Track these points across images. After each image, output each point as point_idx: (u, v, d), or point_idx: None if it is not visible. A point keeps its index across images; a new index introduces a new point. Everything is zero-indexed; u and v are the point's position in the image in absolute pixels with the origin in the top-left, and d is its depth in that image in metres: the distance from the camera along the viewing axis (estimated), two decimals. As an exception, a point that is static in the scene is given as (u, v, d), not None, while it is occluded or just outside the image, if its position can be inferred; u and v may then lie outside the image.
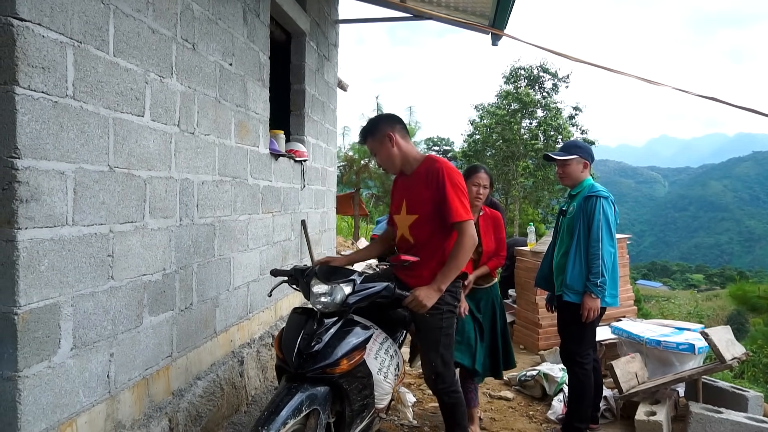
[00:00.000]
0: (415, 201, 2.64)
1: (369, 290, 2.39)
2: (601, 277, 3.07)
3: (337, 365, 2.20)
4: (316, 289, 2.35)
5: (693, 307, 14.27)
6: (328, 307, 2.30)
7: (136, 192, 2.34)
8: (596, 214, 3.12)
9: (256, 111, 3.73)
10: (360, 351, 2.32)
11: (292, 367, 2.19)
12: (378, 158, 2.74)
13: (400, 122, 2.73)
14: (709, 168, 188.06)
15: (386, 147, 2.64)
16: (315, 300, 2.33)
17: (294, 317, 2.42)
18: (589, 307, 3.11)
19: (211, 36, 3.03)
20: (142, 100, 2.36)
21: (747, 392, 3.47)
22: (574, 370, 3.30)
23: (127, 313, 2.29)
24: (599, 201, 3.14)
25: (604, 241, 3.09)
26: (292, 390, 2.11)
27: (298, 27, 4.70)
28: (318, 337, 2.23)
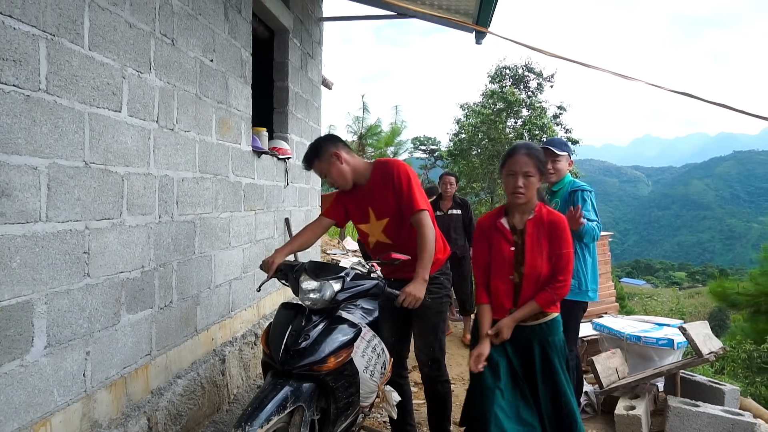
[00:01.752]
0: (381, 206, 2.70)
1: (358, 287, 2.38)
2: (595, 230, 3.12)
3: (324, 363, 2.19)
4: (305, 285, 2.34)
5: (675, 304, 14.49)
6: (316, 303, 2.29)
7: (113, 188, 2.30)
8: (587, 205, 3.18)
9: (238, 108, 3.70)
10: (347, 349, 2.31)
11: (278, 363, 2.17)
12: (330, 179, 2.73)
13: (341, 140, 2.80)
14: (691, 167, 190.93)
15: (336, 165, 2.67)
16: (304, 296, 2.32)
17: (282, 312, 2.41)
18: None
19: (191, 31, 3.00)
20: (119, 95, 2.33)
21: (724, 386, 3.53)
22: None
23: (104, 311, 2.26)
24: (584, 193, 3.22)
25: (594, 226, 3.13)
26: (277, 386, 2.10)
27: (281, 24, 4.67)
28: (306, 333, 2.22)
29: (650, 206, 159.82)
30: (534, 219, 2.39)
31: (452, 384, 4.41)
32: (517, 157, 2.33)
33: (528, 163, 2.30)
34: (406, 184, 2.61)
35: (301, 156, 5.28)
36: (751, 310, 8.83)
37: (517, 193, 2.31)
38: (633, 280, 55.20)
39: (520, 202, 2.35)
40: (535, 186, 2.34)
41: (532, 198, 2.36)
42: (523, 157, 2.31)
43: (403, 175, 2.63)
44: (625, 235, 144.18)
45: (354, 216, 2.85)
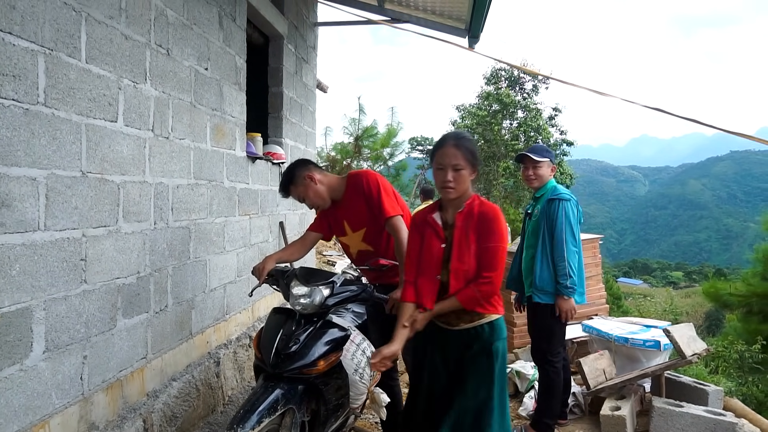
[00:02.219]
0: (356, 218, 2.80)
1: (347, 293, 2.47)
2: (570, 278, 3.18)
3: (314, 366, 2.26)
4: (295, 290, 2.41)
5: (668, 304, 14.59)
6: (306, 308, 2.37)
7: (110, 196, 2.37)
8: (559, 217, 3.22)
9: (233, 114, 3.77)
10: (337, 352, 2.39)
11: (270, 366, 2.25)
12: (308, 201, 2.81)
13: (312, 162, 2.92)
14: (688, 167, 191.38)
15: (312, 187, 2.77)
16: (294, 301, 2.39)
17: (273, 317, 2.48)
18: (565, 309, 3.22)
19: (186, 41, 3.06)
20: (115, 105, 2.40)
21: (708, 387, 3.60)
22: (545, 369, 3.40)
23: (101, 316, 2.32)
24: (561, 204, 3.25)
25: (567, 242, 3.20)
26: (268, 389, 2.18)
27: (275, 30, 4.74)
28: (296, 337, 2.30)
29: (647, 206, 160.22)
30: (464, 212, 2.20)
31: (444, 385, 4.49)
32: (445, 149, 2.15)
33: (457, 155, 2.11)
34: (375, 192, 2.69)
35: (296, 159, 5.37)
36: (744, 311, 8.91)
37: (447, 187, 2.14)
38: (630, 280, 55.33)
39: (451, 197, 2.18)
40: (466, 179, 2.15)
41: (464, 192, 2.19)
42: (452, 149, 2.12)
43: (372, 184, 2.71)
44: (622, 234, 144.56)
45: (334, 230, 2.96)
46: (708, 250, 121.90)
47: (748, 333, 8.32)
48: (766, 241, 8.73)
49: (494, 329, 2.22)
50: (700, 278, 50.60)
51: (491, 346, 2.20)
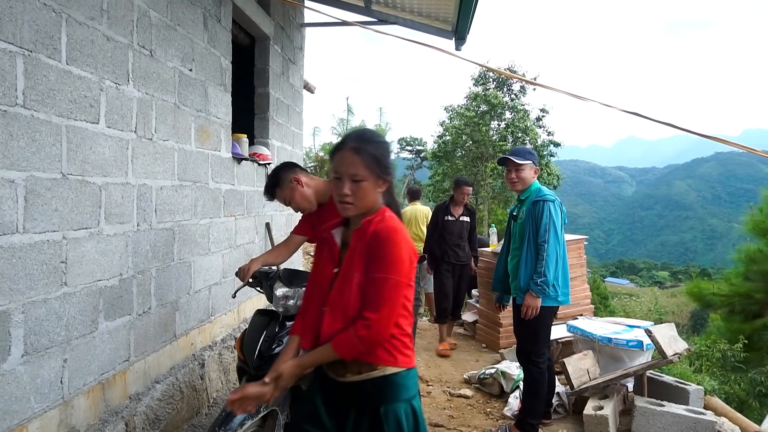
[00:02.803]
0: None
1: None
2: (543, 277, 3.21)
3: None
4: (278, 292, 2.41)
5: (654, 304, 14.76)
6: (290, 309, 2.37)
7: (91, 198, 2.35)
8: (544, 218, 3.26)
9: (218, 115, 3.75)
10: None
11: (253, 368, 2.24)
12: (294, 204, 2.75)
13: (298, 165, 2.85)
14: (674, 168, 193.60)
15: (298, 190, 2.71)
16: (277, 303, 2.40)
17: (257, 319, 2.48)
18: (528, 305, 3.26)
19: (170, 42, 3.05)
20: (96, 107, 2.38)
21: (689, 386, 3.66)
22: (529, 369, 3.43)
23: (82, 318, 2.31)
24: (546, 205, 3.28)
25: (550, 242, 3.23)
26: None
27: (261, 31, 4.72)
28: (279, 339, 2.30)
29: (634, 206, 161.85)
30: (359, 230, 1.70)
31: (430, 386, 4.52)
32: (342, 153, 1.68)
33: (356, 162, 1.65)
34: None
35: (283, 161, 5.36)
36: (726, 310, 9.03)
37: (344, 202, 1.68)
38: (617, 280, 55.88)
39: (349, 214, 1.71)
40: (368, 192, 1.67)
41: (367, 207, 1.70)
42: (350, 155, 1.66)
43: None
44: (609, 235, 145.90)
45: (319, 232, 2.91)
46: (693, 250, 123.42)
47: (731, 332, 8.44)
48: (749, 241, 8.86)
49: (388, 387, 1.66)
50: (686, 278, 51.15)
51: (381, 408, 1.64)
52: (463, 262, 5.62)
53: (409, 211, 7.04)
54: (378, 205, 1.74)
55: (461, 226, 5.63)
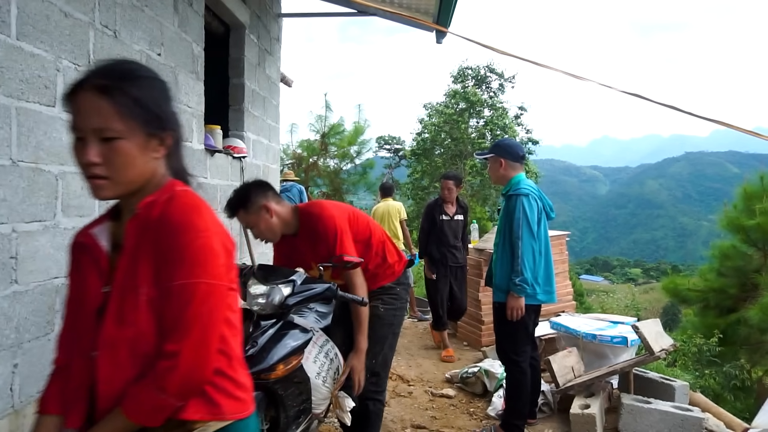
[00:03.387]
0: (319, 257, 2.52)
1: (309, 291, 2.30)
2: (520, 276, 3.09)
3: (273, 370, 2.11)
4: (253, 289, 2.24)
5: (630, 300, 14.94)
6: (265, 308, 2.20)
7: (46, 188, 2.16)
8: (516, 212, 3.13)
9: (189, 105, 3.56)
10: (297, 355, 2.24)
11: None
12: (255, 231, 2.47)
13: (271, 188, 2.55)
14: (646, 167, 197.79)
15: (265, 219, 2.42)
16: (252, 301, 2.23)
17: None
18: (511, 306, 3.14)
19: (136, 23, 2.85)
20: (52, 88, 2.19)
21: (674, 382, 3.61)
22: (510, 369, 3.34)
23: (35, 320, 2.11)
24: (519, 199, 3.15)
25: (524, 238, 3.11)
26: None
27: (236, 19, 4.53)
28: (253, 340, 2.14)
29: (608, 205, 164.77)
30: (136, 220, 1.10)
31: (412, 386, 4.40)
32: (82, 97, 1.03)
33: (104, 110, 1.02)
34: (332, 239, 2.45)
35: (258, 154, 5.19)
36: (701, 306, 9.14)
37: (92, 176, 1.05)
38: (592, 277, 56.75)
39: (103, 196, 1.08)
40: (133, 157, 1.06)
41: (133, 182, 1.10)
42: (94, 98, 1.02)
43: (330, 229, 2.45)
44: (584, 233, 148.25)
45: (297, 263, 2.65)
46: (664, 247, 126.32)
47: (705, 327, 8.54)
48: (721, 238, 8.97)
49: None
50: (657, 274, 52.28)
51: None
52: (459, 264, 5.30)
53: (382, 207, 6.82)
54: (159, 178, 1.15)
55: (456, 225, 5.28)
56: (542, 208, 3.27)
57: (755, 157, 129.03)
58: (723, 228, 8.80)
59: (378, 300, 2.69)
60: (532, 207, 3.17)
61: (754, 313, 7.00)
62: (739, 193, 8.52)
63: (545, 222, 3.31)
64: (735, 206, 8.55)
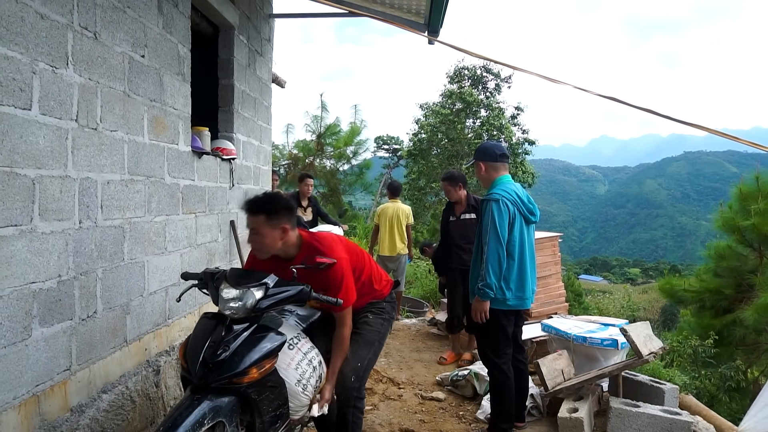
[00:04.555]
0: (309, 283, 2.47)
1: (283, 294, 2.28)
2: (483, 280, 3.12)
3: (245, 374, 2.08)
4: (225, 293, 2.22)
5: (626, 301, 14.91)
6: (237, 312, 2.18)
7: (22, 192, 2.13)
8: (484, 218, 3.18)
9: (175, 106, 3.53)
10: (271, 359, 2.21)
11: (196, 377, 2.05)
12: (257, 239, 2.45)
13: (295, 211, 2.58)
14: (645, 167, 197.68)
15: (274, 236, 2.44)
16: (224, 305, 2.21)
17: (202, 323, 2.28)
18: (474, 309, 3.19)
19: (118, 25, 2.82)
20: (28, 91, 2.16)
21: (664, 385, 3.59)
22: (491, 371, 3.37)
23: (11, 325, 2.08)
24: (489, 204, 3.18)
25: (490, 244, 3.11)
26: (194, 402, 2.00)
27: (225, 20, 4.50)
28: (225, 344, 2.11)
29: (607, 205, 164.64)
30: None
31: (402, 389, 4.37)
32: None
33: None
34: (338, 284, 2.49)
35: (249, 156, 5.15)
36: (697, 306, 9.11)
37: None
38: (591, 277, 56.68)
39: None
40: None
41: None
42: None
43: (339, 279, 2.49)
44: (583, 233, 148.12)
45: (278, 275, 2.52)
46: (664, 247, 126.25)
47: (701, 328, 8.52)
48: (718, 238, 8.94)
49: None
50: (656, 274, 52.23)
51: None
52: (468, 266, 4.96)
53: (391, 208, 6.82)
54: None
55: (463, 225, 4.97)
56: (516, 213, 3.22)
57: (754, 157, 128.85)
58: (718, 228, 8.78)
59: (367, 312, 2.75)
60: (501, 212, 3.14)
61: (749, 314, 6.98)
62: (734, 193, 8.50)
63: (522, 226, 3.26)
64: (730, 206, 8.53)
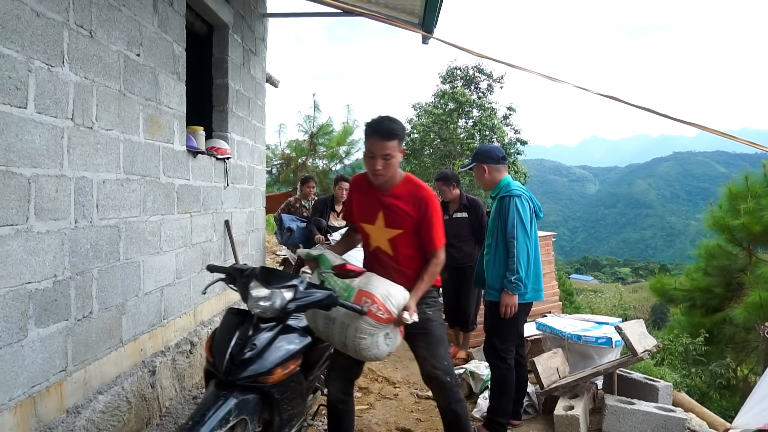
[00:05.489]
0: (398, 218, 2.57)
1: (311, 298, 2.28)
2: (516, 274, 3.14)
3: (270, 374, 2.08)
4: (255, 292, 2.21)
5: (618, 300, 15.03)
6: (266, 311, 2.18)
7: (17, 191, 2.11)
8: (510, 213, 3.19)
9: (170, 105, 3.51)
10: (296, 360, 2.21)
11: (222, 373, 2.05)
12: (382, 164, 2.44)
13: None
14: (635, 167, 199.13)
15: (397, 159, 2.49)
16: (253, 304, 2.20)
17: (228, 318, 2.27)
18: (506, 304, 3.18)
19: (113, 23, 2.81)
20: (23, 90, 2.14)
21: (658, 382, 3.62)
22: (497, 365, 3.35)
23: (7, 326, 2.06)
24: (512, 200, 3.21)
25: (518, 238, 3.15)
26: (220, 398, 1.99)
27: (219, 19, 4.49)
28: (252, 342, 2.11)
29: (597, 205, 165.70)
30: None
31: (398, 388, 4.38)
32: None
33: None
34: (436, 220, 2.56)
35: (243, 155, 5.14)
36: (688, 305, 9.19)
37: None
38: (582, 276, 57.01)
39: None
40: None
41: None
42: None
43: (434, 210, 2.55)
44: (574, 232, 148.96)
45: (359, 213, 2.70)
46: (653, 246, 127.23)
47: (692, 326, 8.60)
48: (708, 237, 9.03)
49: None
50: (646, 273, 52.65)
51: None
52: (460, 264, 4.78)
53: None
54: None
55: (455, 224, 4.93)
56: (533, 209, 3.31)
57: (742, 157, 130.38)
58: (709, 228, 8.87)
59: (423, 305, 2.61)
60: (524, 207, 3.23)
61: (739, 312, 7.05)
62: (724, 193, 8.58)
63: (535, 222, 3.35)
64: (720, 206, 8.62)
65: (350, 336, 2.35)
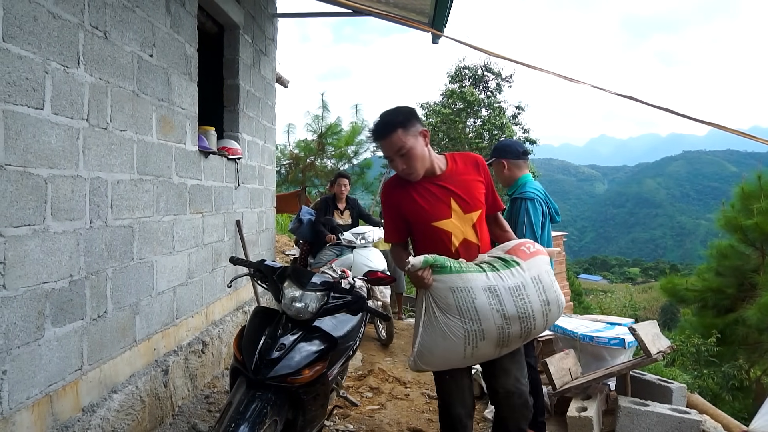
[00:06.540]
0: (472, 196, 2.35)
1: (341, 301, 2.29)
2: None
3: (299, 375, 2.09)
4: (290, 293, 2.22)
5: (628, 300, 14.93)
6: (300, 313, 2.18)
7: (35, 192, 2.13)
8: (520, 217, 3.14)
9: (182, 106, 3.53)
10: (323, 362, 2.22)
11: (251, 372, 2.06)
12: (403, 158, 2.24)
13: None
14: (644, 166, 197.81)
15: (420, 145, 2.25)
16: (287, 304, 2.21)
17: (257, 318, 2.28)
18: None
19: (127, 24, 2.82)
20: (40, 91, 2.15)
21: (672, 384, 3.59)
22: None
23: (24, 325, 2.08)
24: (524, 203, 3.15)
25: None
26: (255, 398, 2.00)
27: (230, 19, 4.50)
28: (281, 342, 2.12)
29: (606, 204, 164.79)
30: None
31: (408, 388, 4.37)
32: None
33: None
34: (491, 180, 2.50)
35: (254, 156, 5.15)
36: (699, 305, 9.11)
37: None
38: (590, 276, 56.70)
39: None
40: None
41: None
42: None
43: (486, 170, 2.47)
44: (582, 232, 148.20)
45: (422, 215, 2.34)
46: (663, 246, 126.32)
47: (704, 327, 8.52)
48: (719, 237, 8.94)
49: None
50: (656, 274, 52.27)
51: None
52: None
53: None
54: None
55: None
56: (547, 212, 3.25)
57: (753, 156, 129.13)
58: (721, 228, 8.78)
59: None
60: (536, 211, 3.14)
61: (752, 313, 6.97)
62: (736, 192, 8.50)
63: (549, 227, 3.30)
64: (732, 206, 8.53)
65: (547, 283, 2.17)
